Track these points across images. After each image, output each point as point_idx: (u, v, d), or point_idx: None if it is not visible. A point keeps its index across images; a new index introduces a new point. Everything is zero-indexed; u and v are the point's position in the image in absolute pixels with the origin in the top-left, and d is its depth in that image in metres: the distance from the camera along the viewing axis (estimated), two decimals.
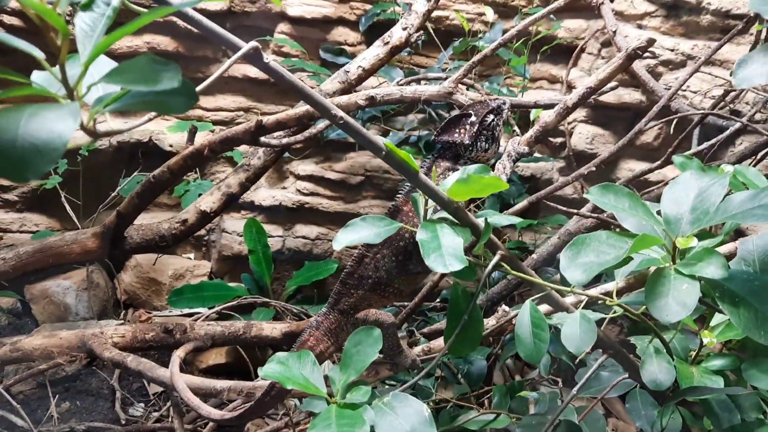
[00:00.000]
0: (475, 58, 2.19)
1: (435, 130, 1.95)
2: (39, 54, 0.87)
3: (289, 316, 3.35)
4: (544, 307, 1.82)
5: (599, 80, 1.81)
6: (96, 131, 0.94)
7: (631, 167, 3.56)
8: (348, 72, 2.71)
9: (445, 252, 1.44)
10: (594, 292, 1.74)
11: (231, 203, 2.68)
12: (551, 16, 3.33)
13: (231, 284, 3.82)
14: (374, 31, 3.68)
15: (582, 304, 1.61)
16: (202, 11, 3.62)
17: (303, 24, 3.76)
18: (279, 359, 1.53)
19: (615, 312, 1.67)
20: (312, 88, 3.65)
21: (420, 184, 1.51)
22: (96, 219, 3.56)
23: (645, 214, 1.35)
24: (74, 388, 3.35)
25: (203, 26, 1.24)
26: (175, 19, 3.67)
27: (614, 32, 3.26)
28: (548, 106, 2.02)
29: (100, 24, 0.93)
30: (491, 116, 1.96)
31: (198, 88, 1.22)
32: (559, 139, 3.64)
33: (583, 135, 3.57)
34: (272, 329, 2.43)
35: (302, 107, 2.06)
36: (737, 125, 2.53)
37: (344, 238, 1.51)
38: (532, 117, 3.12)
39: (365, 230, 1.54)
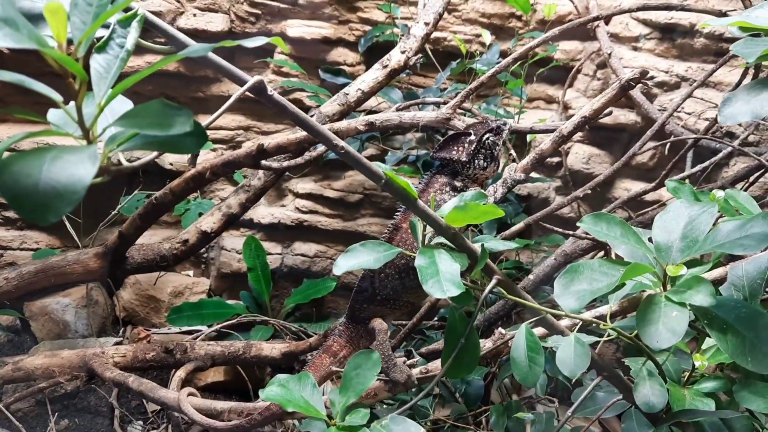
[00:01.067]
0: (472, 84, 2.24)
1: (433, 147, 2.01)
2: (57, 97, 0.91)
3: (288, 334, 3.37)
4: (539, 330, 1.86)
5: (594, 110, 1.86)
6: (110, 168, 0.98)
7: (627, 187, 3.60)
8: (347, 95, 2.75)
9: (442, 277, 1.48)
10: (588, 315, 1.78)
11: (231, 223, 2.72)
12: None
13: (230, 302, 3.85)
14: (373, 51, 3.74)
15: (577, 327, 1.64)
16: (204, 32, 3.68)
17: (303, 44, 3.81)
18: (280, 382, 1.57)
19: (609, 335, 1.71)
20: (312, 108, 3.71)
21: (419, 211, 1.55)
22: (96, 237, 3.59)
23: (636, 242, 1.39)
24: (73, 405, 3.37)
25: (210, 62, 1.29)
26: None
27: (609, 54, 3.32)
28: (544, 131, 2.06)
29: (114, 66, 0.98)
30: (489, 135, 2.02)
31: (204, 124, 1.26)
32: (556, 159, 3.69)
33: (580, 155, 3.63)
34: (271, 349, 2.46)
35: (303, 132, 2.10)
36: (729, 149, 2.58)
37: (344, 264, 1.55)
38: (528, 139, 3.17)
39: (365, 255, 1.58)
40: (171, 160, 3.84)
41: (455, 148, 2.03)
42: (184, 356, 2.43)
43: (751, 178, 2.46)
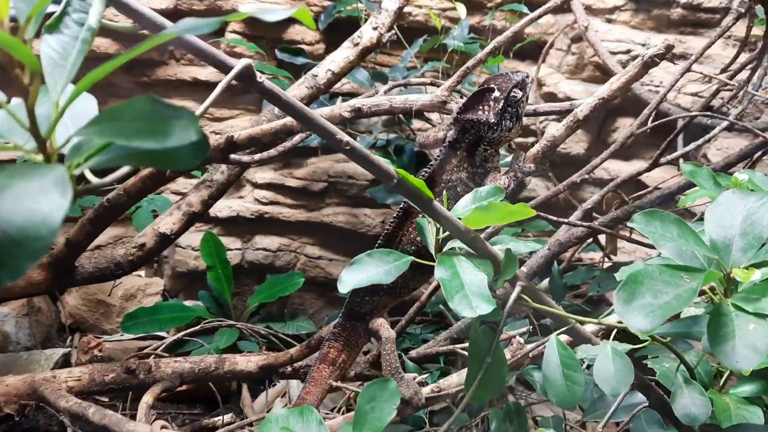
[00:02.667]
0: (470, 63, 2.02)
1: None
2: None
3: (256, 338, 3.12)
4: (563, 337, 1.67)
5: (612, 90, 1.67)
6: (75, 190, 0.71)
7: (604, 166, 3.46)
8: (316, 76, 2.50)
9: (469, 292, 1.27)
10: (614, 318, 1.60)
11: (193, 223, 2.44)
12: (525, 12, 3.19)
13: (188, 303, 3.56)
14: (335, 29, 3.47)
15: (612, 335, 1.46)
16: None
17: (257, 22, 3.51)
18: (279, 419, 1.33)
19: (645, 343, 1.54)
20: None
21: (435, 213, 1.33)
22: None
23: (696, 244, 1.20)
24: (19, 426, 3.05)
25: (190, 45, 1.02)
26: (116, 18, 3.36)
27: (586, 28, 3.14)
28: (550, 113, 1.86)
29: (74, 50, 0.71)
30: (517, 90, 1.77)
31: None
32: (531, 139, 3.51)
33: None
34: (247, 363, 2.21)
35: (278, 121, 1.84)
36: (725, 124, 2.44)
37: (350, 279, 1.32)
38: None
39: (373, 267, 1.36)
40: None
41: (481, 107, 1.76)
42: (149, 376, 2.15)
43: (755, 157, 2.33)
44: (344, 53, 2.54)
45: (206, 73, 3.58)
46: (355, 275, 1.33)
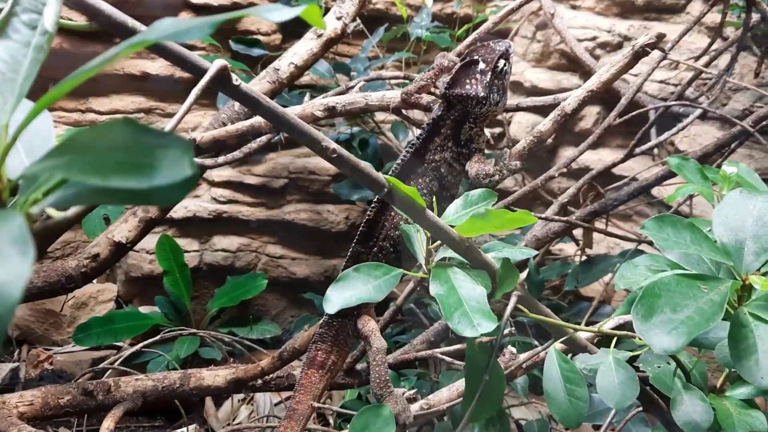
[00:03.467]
0: (452, 54, 1.90)
1: (444, 83, 1.62)
2: None
3: (218, 345, 2.97)
4: (558, 345, 1.59)
5: (602, 82, 1.58)
6: (33, 227, 0.58)
7: (570, 156, 3.41)
8: (278, 70, 2.35)
9: (468, 308, 1.17)
10: (612, 324, 1.52)
11: (150, 230, 2.28)
12: None
13: (145, 311, 3.38)
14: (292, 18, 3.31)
15: (613, 344, 1.39)
16: None
17: (208, 12, 3.33)
18: None
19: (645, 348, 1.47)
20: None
21: (428, 223, 1.23)
22: None
23: (711, 250, 1.13)
24: None
25: (162, 48, 0.89)
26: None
27: (552, 14, 3.07)
28: (530, 108, 1.77)
29: (26, 59, 0.58)
30: (502, 61, 1.65)
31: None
32: (497, 129, 3.44)
33: (522, 124, 3.39)
34: (214, 377, 2.07)
35: (245, 122, 1.70)
36: (698, 112, 2.40)
37: (338, 298, 1.21)
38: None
39: (361, 284, 1.24)
40: None
41: (468, 81, 1.64)
42: (108, 397, 2.00)
43: (732, 146, 2.29)
44: (307, 45, 2.40)
45: (156, 66, 3.39)
46: (342, 294, 1.21)
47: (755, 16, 2.15)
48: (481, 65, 1.65)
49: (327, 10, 2.61)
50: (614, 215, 3.37)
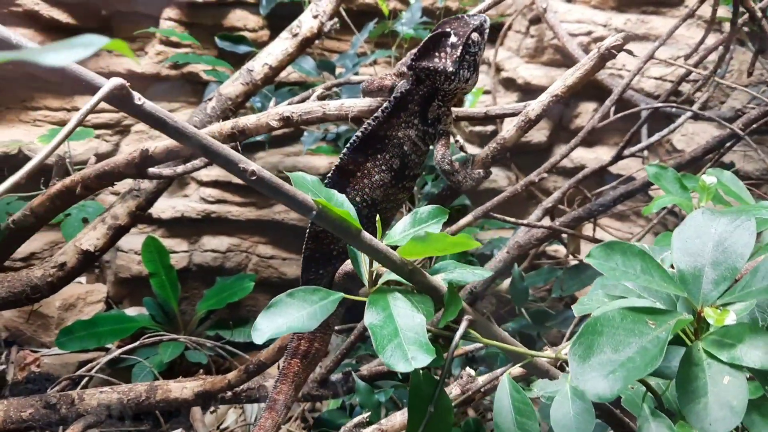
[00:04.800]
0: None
1: (412, 54, 1.54)
2: None
3: (202, 350, 2.92)
4: (517, 369, 1.51)
5: (567, 86, 1.49)
6: None
7: (564, 152, 3.30)
8: (252, 71, 2.28)
9: (404, 339, 1.09)
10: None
11: (119, 237, 2.22)
12: None
13: (132, 312, 3.34)
14: (278, 13, 3.24)
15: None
16: (62, 3, 3.08)
17: (194, 8, 3.26)
18: None
19: None
20: (211, 83, 3.18)
21: (365, 246, 1.15)
22: None
23: (663, 279, 1.04)
24: None
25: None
26: (37, 7, 3.09)
27: (545, 9, 2.96)
28: (503, 115, 1.69)
29: None
30: (476, 35, 1.56)
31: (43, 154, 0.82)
32: (490, 128, 3.34)
33: (514, 120, 3.28)
34: (182, 389, 2.02)
35: (202, 130, 1.63)
36: (688, 114, 2.29)
37: (267, 327, 1.14)
38: (467, 105, 2.81)
39: (294, 310, 1.17)
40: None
41: (438, 54, 1.54)
42: (71, 410, 1.96)
43: (722, 150, 2.18)
44: (282, 45, 2.33)
45: (143, 64, 3.33)
46: (273, 322, 1.14)
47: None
48: (453, 38, 1.54)
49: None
50: (610, 215, 3.27)
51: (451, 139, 1.71)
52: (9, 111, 3.30)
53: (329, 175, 1.57)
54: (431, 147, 1.63)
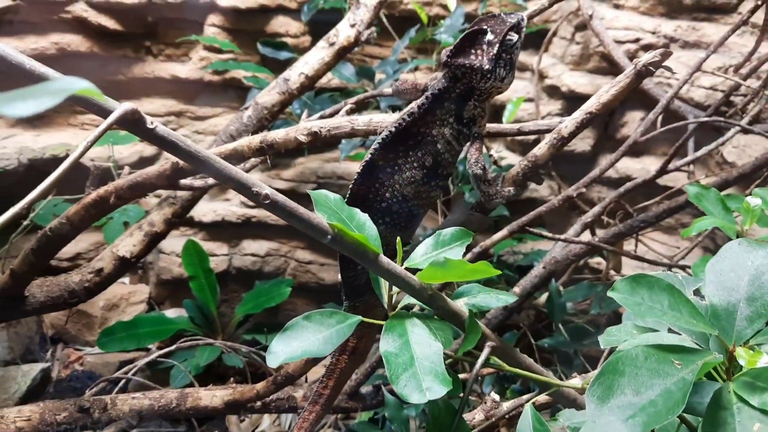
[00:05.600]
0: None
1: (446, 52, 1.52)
2: None
3: (238, 354, 2.95)
4: (542, 397, 1.47)
5: (601, 104, 1.43)
6: None
7: (598, 170, 3.21)
8: (288, 80, 2.28)
9: (420, 368, 1.06)
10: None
11: (155, 244, 2.26)
12: (522, 1, 2.94)
13: (172, 314, 3.39)
14: (319, 19, 3.24)
15: None
16: (119, 4, 3.15)
17: (237, 15, 3.29)
18: None
19: None
20: (252, 90, 3.19)
21: (383, 271, 1.12)
22: (8, 250, 3.09)
23: (691, 316, 0.98)
24: None
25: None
26: (86, 14, 3.16)
27: (590, 16, 2.88)
28: (536, 132, 1.64)
29: None
30: (513, 34, 1.52)
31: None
32: (533, 137, 3.27)
33: (547, 138, 3.21)
34: (212, 398, 2.04)
35: (227, 146, 1.64)
36: (736, 129, 2.19)
37: (282, 351, 1.12)
38: (505, 121, 2.75)
39: (310, 334, 1.15)
40: (91, 155, 3.31)
41: (474, 51, 1.52)
42: (104, 414, 1.99)
43: None
44: (319, 54, 2.32)
45: (186, 69, 3.38)
46: (288, 345, 1.12)
47: None
48: (489, 36, 1.51)
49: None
50: (656, 227, 3.16)
51: (485, 149, 1.68)
52: (58, 115, 3.38)
53: (358, 170, 1.54)
54: (464, 147, 1.61)
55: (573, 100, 3.15)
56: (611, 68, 3.06)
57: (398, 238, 1.26)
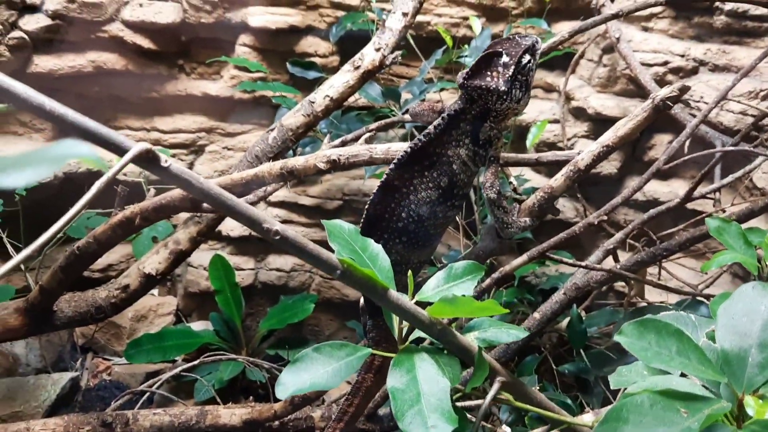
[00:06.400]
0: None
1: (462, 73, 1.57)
2: None
3: (261, 371, 2.98)
4: None
5: (618, 137, 1.43)
6: None
7: (636, 185, 3.18)
8: (314, 103, 2.31)
9: (426, 405, 1.07)
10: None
11: (180, 262, 2.30)
12: (547, 26, 2.94)
13: (197, 328, 3.44)
14: (348, 39, 3.28)
15: None
16: (153, 24, 3.22)
17: (267, 35, 3.34)
18: None
19: None
20: (279, 109, 3.24)
21: (393, 305, 1.14)
22: (43, 261, 3.18)
23: (700, 363, 0.98)
24: None
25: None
26: (122, 34, 3.25)
27: (618, 38, 2.87)
28: (554, 162, 1.65)
29: None
30: (527, 56, 1.56)
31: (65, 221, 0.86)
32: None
33: (564, 170, 3.19)
34: (231, 416, 2.07)
35: (249, 171, 1.67)
36: (761, 159, 2.17)
37: (292, 382, 1.14)
38: (529, 143, 2.75)
39: (320, 366, 1.17)
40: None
41: (489, 73, 1.56)
42: (126, 429, 2.04)
43: None
44: (343, 77, 2.35)
45: (217, 87, 3.44)
46: (297, 377, 1.14)
47: None
48: (504, 58, 1.56)
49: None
50: (686, 252, 3.12)
51: (505, 174, 1.70)
52: None
53: (375, 191, 1.58)
54: (480, 169, 1.64)
55: (599, 122, 3.13)
56: (638, 91, 3.05)
57: (409, 272, 1.27)
